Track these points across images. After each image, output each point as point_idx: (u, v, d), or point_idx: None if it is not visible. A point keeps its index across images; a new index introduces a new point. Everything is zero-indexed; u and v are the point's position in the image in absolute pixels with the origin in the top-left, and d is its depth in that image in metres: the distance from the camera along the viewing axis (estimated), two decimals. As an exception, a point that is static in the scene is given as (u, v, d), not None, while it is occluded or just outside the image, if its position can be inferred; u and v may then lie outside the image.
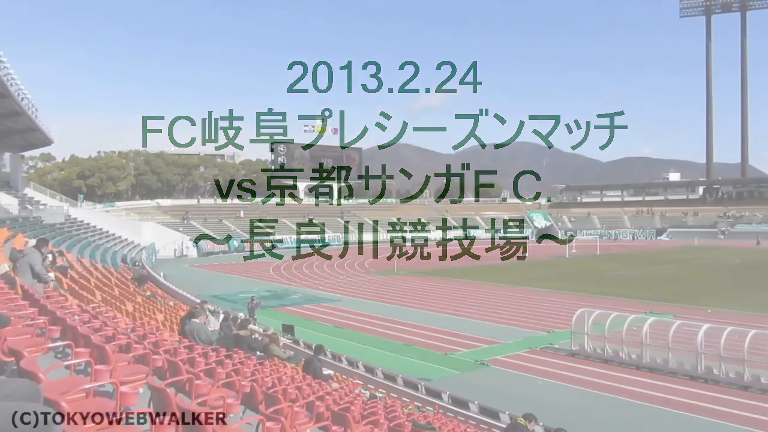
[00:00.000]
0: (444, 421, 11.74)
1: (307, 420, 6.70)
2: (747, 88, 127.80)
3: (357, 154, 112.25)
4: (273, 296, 36.97)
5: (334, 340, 24.19)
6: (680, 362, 19.16)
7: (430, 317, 29.50)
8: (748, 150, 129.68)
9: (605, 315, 21.73)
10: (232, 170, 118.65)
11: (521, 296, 36.18)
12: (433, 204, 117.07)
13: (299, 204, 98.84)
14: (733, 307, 30.86)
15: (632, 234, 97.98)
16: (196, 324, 12.06)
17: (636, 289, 37.95)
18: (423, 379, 17.65)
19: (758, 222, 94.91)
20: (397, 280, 44.32)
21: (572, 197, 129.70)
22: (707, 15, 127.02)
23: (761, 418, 15.10)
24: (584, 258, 62.53)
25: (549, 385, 18.35)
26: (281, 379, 9.33)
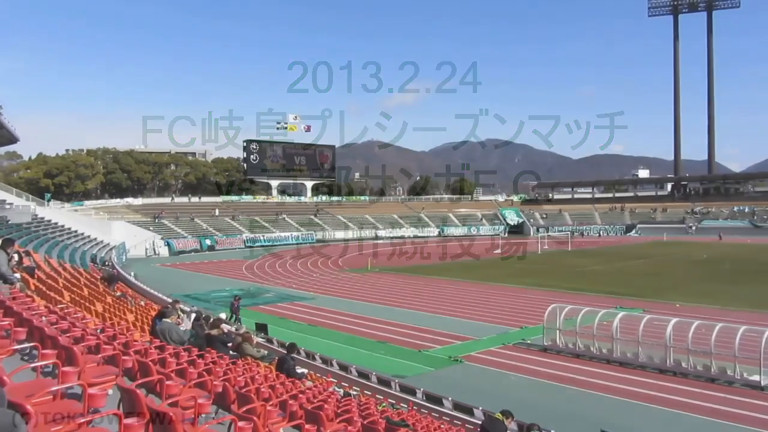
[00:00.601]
0: (418, 417, 11.76)
1: (280, 419, 6.65)
2: (714, 86, 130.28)
3: (330, 152, 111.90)
4: (246, 295, 36.62)
5: (308, 338, 24.09)
6: (650, 356, 19.48)
7: (404, 314, 29.56)
8: (715, 147, 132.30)
9: (577, 310, 22.00)
10: (204, 168, 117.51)
11: (494, 293, 36.43)
12: (406, 201, 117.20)
13: (273, 202, 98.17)
14: (701, 302, 31.47)
15: (591, 230, 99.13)
16: (167, 324, 11.91)
17: (606, 285, 38.49)
18: (397, 376, 17.68)
19: (724, 217, 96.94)
20: (371, 278, 44.32)
21: (544, 194, 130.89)
22: (675, 14, 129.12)
23: (727, 410, 15.42)
24: (556, 254, 63.24)
25: (522, 381, 18.52)
26: (254, 378, 9.26)
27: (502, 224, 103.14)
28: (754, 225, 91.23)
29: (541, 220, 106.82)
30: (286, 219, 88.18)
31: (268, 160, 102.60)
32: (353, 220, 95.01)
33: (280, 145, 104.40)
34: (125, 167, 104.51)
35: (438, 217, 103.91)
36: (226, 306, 32.03)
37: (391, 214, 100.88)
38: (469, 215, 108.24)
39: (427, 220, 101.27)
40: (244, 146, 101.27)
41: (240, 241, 73.97)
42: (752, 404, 15.81)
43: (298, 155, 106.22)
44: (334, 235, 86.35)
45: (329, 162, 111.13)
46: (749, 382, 17.20)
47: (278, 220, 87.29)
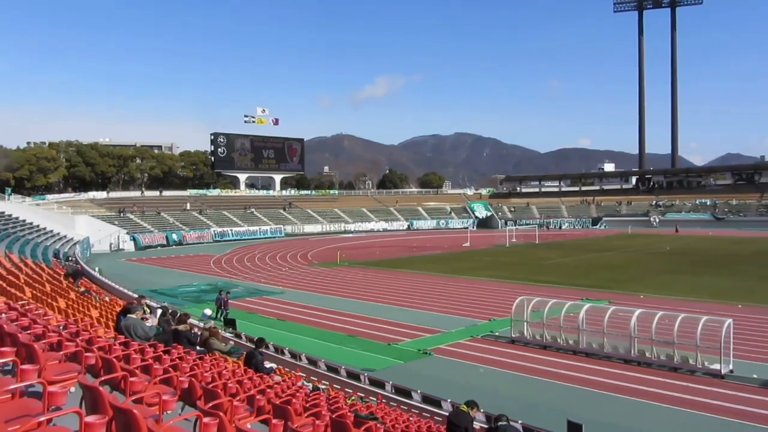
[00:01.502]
0: (387, 410, 11.79)
1: (248, 414, 6.60)
2: (677, 81, 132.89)
3: (299, 145, 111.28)
4: (214, 290, 36.22)
5: (277, 332, 23.98)
6: (615, 346, 19.82)
7: (373, 308, 29.60)
8: (678, 141, 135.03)
9: (544, 302, 22.25)
10: (171, 162, 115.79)
11: (463, 285, 36.67)
12: (375, 195, 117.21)
13: (242, 196, 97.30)
14: (664, 293, 32.13)
15: (559, 223, 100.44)
16: (132, 320, 11.72)
17: (573, 277, 39.05)
18: (366, 369, 17.69)
19: (687, 210, 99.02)
20: (341, 272, 44.25)
21: (512, 187, 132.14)
22: (639, 10, 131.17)
23: (689, 398, 15.77)
24: (524, 247, 63.91)
25: (490, 372, 18.69)
26: (221, 373, 9.18)
27: (471, 217, 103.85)
28: (716, 217, 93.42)
29: (509, 213, 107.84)
30: (255, 213, 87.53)
31: (236, 154, 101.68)
32: (322, 213, 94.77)
33: (248, 138, 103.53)
34: (89, 160, 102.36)
35: (407, 210, 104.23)
36: (194, 301, 31.84)
37: (360, 208, 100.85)
38: (438, 209, 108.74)
39: (397, 213, 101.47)
40: (212, 139, 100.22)
41: (208, 236, 73.22)
42: (713, 392, 16.20)
43: (266, 148, 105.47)
44: (304, 229, 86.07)
45: (298, 155, 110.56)
46: (710, 370, 17.62)
47: (247, 214, 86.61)
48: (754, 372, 17.41)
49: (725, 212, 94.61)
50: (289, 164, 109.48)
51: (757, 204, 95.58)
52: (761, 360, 17.69)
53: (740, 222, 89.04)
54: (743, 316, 24.61)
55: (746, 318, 24.57)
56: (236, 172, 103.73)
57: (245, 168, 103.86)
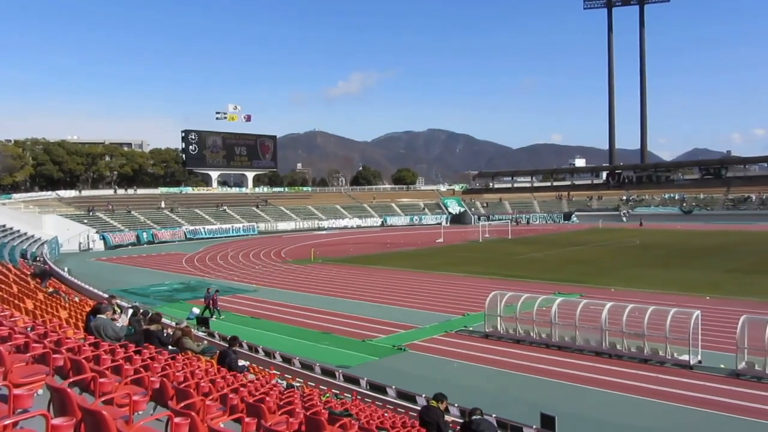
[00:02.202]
0: (362, 407, 11.80)
1: (221, 413, 6.54)
2: (645, 78, 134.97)
3: (271, 142, 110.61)
4: (186, 289, 36.00)
5: (251, 331, 23.85)
6: (587, 339, 20.08)
7: (347, 305, 29.57)
8: (647, 137, 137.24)
9: (517, 297, 22.43)
10: (141, 159, 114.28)
11: (437, 281, 36.81)
12: (349, 192, 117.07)
13: (214, 193, 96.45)
14: (635, 286, 32.63)
15: (530, 218, 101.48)
16: (102, 320, 11.54)
17: (545, 271, 39.45)
18: (341, 366, 17.68)
19: (656, 204, 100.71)
20: (315, 269, 44.12)
21: (485, 183, 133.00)
22: (609, 7, 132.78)
23: (659, 389, 16.05)
24: (497, 242, 64.40)
25: (464, 367, 18.79)
26: (194, 373, 9.09)
27: (445, 213, 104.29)
28: (683, 211, 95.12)
29: (482, 208, 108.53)
30: (228, 211, 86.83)
31: (207, 151, 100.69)
32: (296, 210, 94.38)
33: (220, 135, 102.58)
34: (56, 158, 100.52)
35: (381, 207, 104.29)
36: (166, 300, 31.49)
37: (333, 205, 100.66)
38: (411, 205, 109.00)
39: (370, 210, 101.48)
40: (183, 136, 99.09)
41: (180, 234, 72.46)
42: (682, 383, 16.51)
43: (238, 145, 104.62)
44: (277, 227, 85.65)
45: (271, 152, 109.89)
46: (679, 361, 17.95)
47: (219, 211, 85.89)
48: (721, 362, 17.77)
49: (693, 206, 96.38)
50: (262, 161, 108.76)
51: (723, 198, 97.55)
52: (728, 350, 18.05)
53: (707, 216, 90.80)
54: (711, 308, 25.10)
55: (713, 310, 25.07)
56: (208, 169, 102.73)
57: (217, 165, 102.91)
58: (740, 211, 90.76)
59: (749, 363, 16.95)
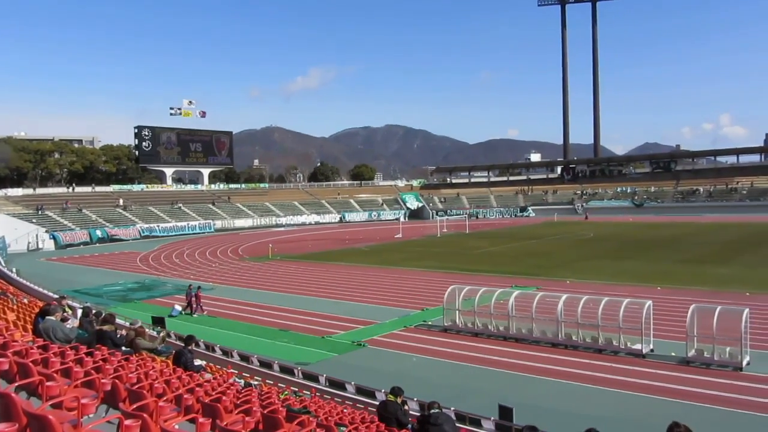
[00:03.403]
0: (321, 404, 11.73)
1: (175, 414, 6.40)
2: (598, 74, 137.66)
3: (227, 138, 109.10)
4: (141, 288, 35.29)
5: (208, 329, 23.51)
6: (543, 331, 20.40)
7: (306, 301, 29.41)
8: (600, 132, 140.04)
9: (475, 291, 22.65)
10: (92, 156, 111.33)
11: (395, 276, 36.92)
12: (306, 188, 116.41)
13: (169, 191, 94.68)
14: (589, 278, 33.31)
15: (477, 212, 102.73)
16: (51, 321, 11.18)
17: (502, 265, 39.95)
18: (300, 363, 17.57)
19: (609, 198, 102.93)
20: (272, 266, 43.75)
21: (442, 178, 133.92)
22: (562, 4, 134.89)
23: (613, 378, 16.42)
24: (455, 237, 64.91)
25: (424, 361, 18.89)
26: (148, 373, 8.88)
27: (403, 209, 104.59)
28: (635, 204, 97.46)
29: (439, 204, 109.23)
30: (183, 208, 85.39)
31: (161, 147, 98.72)
32: (253, 207, 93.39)
33: (174, 131, 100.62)
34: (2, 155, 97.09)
35: (339, 203, 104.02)
36: (120, 300, 30.80)
37: (291, 201, 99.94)
38: (370, 201, 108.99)
39: (329, 206, 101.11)
40: (136, 133, 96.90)
41: (134, 232, 70.96)
42: (635, 371, 16.92)
43: (193, 142, 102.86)
44: (234, 224, 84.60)
45: (227, 149, 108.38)
46: (632, 350, 18.39)
47: (174, 209, 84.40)
48: (672, 350, 18.27)
49: (644, 199, 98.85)
50: (218, 158, 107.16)
51: (673, 191, 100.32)
52: (678, 339, 18.56)
53: (658, 208, 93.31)
54: (662, 298, 25.79)
55: (665, 299, 25.75)
56: (162, 166, 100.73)
57: (172, 162, 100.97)
58: (689, 204, 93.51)
59: (698, 350, 17.47)
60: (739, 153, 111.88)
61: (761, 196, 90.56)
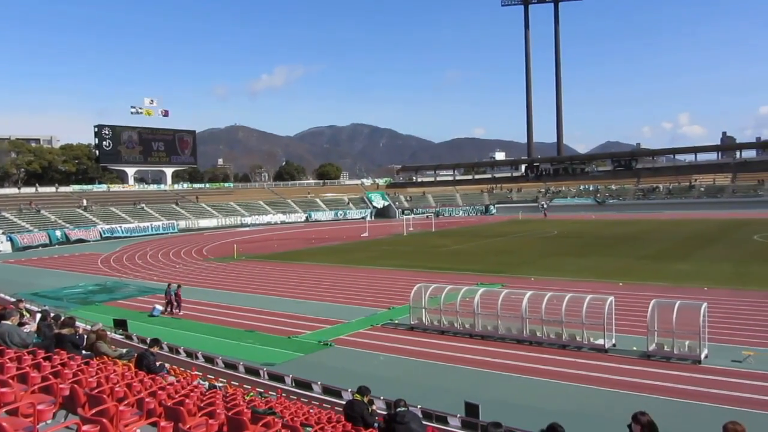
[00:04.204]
0: (287, 404, 11.64)
1: (136, 418, 6.28)
2: (561, 74, 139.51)
3: (190, 137, 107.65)
4: (103, 290, 34.59)
5: (172, 331, 23.15)
6: (508, 328, 20.59)
7: (272, 301, 29.19)
8: (563, 130, 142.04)
9: (441, 289, 22.74)
10: (50, 156, 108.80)
11: (362, 275, 36.88)
12: (272, 187, 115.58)
13: (131, 191, 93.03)
14: (553, 274, 33.74)
15: (457, 211, 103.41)
16: (6, 326, 10.88)
17: (468, 263, 40.22)
18: (266, 364, 17.42)
19: (572, 196, 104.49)
20: (238, 266, 43.31)
21: (408, 177, 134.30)
22: (525, 4, 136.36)
23: (577, 372, 16.66)
24: (421, 235, 65.13)
25: (390, 360, 18.89)
26: (109, 377, 8.70)
27: (369, 208, 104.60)
28: (597, 202, 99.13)
29: (406, 202, 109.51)
30: (146, 208, 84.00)
31: (123, 147, 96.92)
32: (217, 207, 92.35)
33: (136, 130, 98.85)
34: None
35: (305, 202, 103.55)
36: (81, 303, 30.14)
37: (256, 201, 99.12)
38: (336, 200, 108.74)
39: (294, 205, 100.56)
40: (96, 131, 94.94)
41: (95, 233, 69.51)
42: (598, 365, 17.19)
43: (156, 141, 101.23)
44: (198, 224, 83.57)
45: (190, 148, 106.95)
46: (595, 345, 18.68)
47: (137, 209, 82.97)
48: (633, 345, 18.61)
49: (606, 197, 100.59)
50: (181, 157, 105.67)
51: (634, 189, 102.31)
52: (640, 333, 18.91)
53: (620, 206, 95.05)
54: (623, 294, 26.26)
55: (626, 295, 26.22)
56: (124, 166, 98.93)
57: (133, 162, 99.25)
58: (649, 201, 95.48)
59: (659, 344, 17.83)
60: (697, 151, 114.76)
61: (718, 193, 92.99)
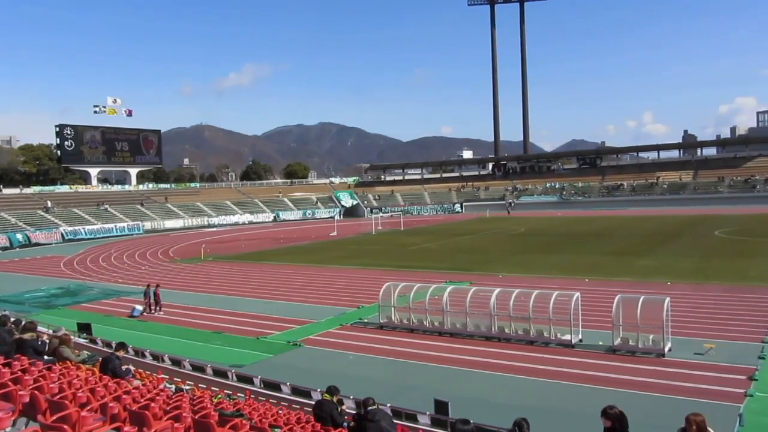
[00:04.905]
0: (255, 406, 11.54)
1: (100, 423, 6.15)
2: (527, 73, 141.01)
3: (155, 137, 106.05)
4: (66, 293, 33.87)
5: (138, 334, 22.76)
6: (477, 325, 20.73)
7: (240, 302, 28.93)
8: (529, 129, 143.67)
9: (410, 287, 22.79)
10: (10, 156, 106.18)
11: (331, 275, 36.76)
12: (239, 187, 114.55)
13: (94, 191, 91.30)
14: (521, 271, 34.09)
15: (426, 209, 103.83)
16: (-36, 332, 10.57)
17: (437, 261, 40.40)
18: (234, 366, 17.25)
19: (538, 193, 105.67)
20: (205, 267, 42.82)
21: (376, 176, 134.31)
22: (491, 4, 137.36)
23: (545, 368, 16.85)
24: (389, 234, 65.22)
25: (360, 359, 18.87)
26: (71, 383, 8.51)
27: (338, 207, 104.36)
28: (563, 199, 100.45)
29: (374, 201, 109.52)
30: (110, 209, 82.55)
31: (85, 147, 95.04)
32: (184, 208, 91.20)
33: (99, 130, 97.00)
34: None
35: (272, 202, 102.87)
36: (43, 307, 29.49)
37: (224, 201, 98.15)
38: (304, 199, 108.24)
39: (262, 205, 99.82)
40: (57, 131, 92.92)
41: (57, 235, 68.04)
42: (565, 361, 17.42)
43: (119, 141, 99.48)
44: (164, 225, 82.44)
45: (155, 147, 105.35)
46: (562, 341, 18.92)
47: (100, 210, 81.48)
48: (599, 340, 18.89)
49: (572, 194, 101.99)
50: (146, 157, 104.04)
51: (599, 186, 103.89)
52: (605, 328, 19.20)
53: (585, 203, 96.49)
54: (589, 289, 26.65)
55: (592, 291, 26.62)
56: (87, 166, 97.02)
57: (97, 162, 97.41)
58: (614, 198, 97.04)
59: (624, 339, 18.13)
60: (659, 149, 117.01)
61: (680, 190, 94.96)
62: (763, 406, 13.37)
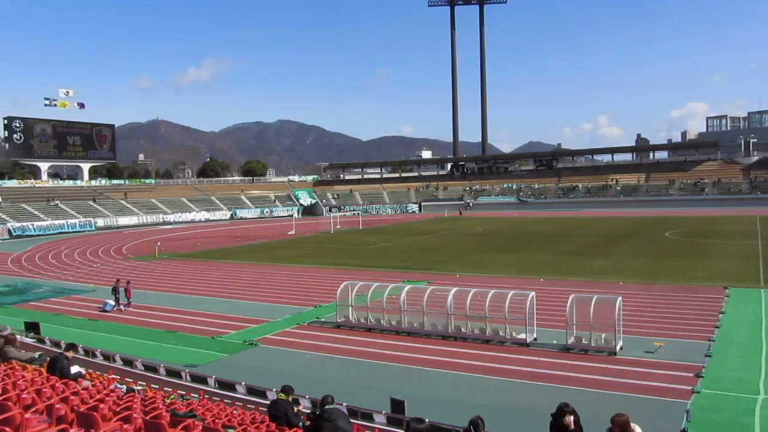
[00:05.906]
0: (209, 406, 11.36)
1: (45, 425, 5.96)
2: (486, 74, 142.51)
3: (109, 131, 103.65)
4: (13, 291, 32.80)
5: (89, 334, 22.19)
6: (434, 324, 20.83)
7: (195, 301, 28.47)
8: (487, 130, 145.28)
9: (367, 286, 22.76)
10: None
11: (288, 273, 36.48)
12: (195, 184, 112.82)
13: (44, 186, 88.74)
14: (477, 271, 34.40)
15: (375, 209, 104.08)
16: None
17: (395, 260, 40.48)
18: (188, 365, 16.95)
19: (496, 194, 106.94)
20: (159, 265, 42.03)
21: (335, 175, 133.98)
22: (451, 5, 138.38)
23: (500, 366, 17.03)
24: (348, 233, 65.12)
25: (317, 358, 18.75)
26: (16, 384, 8.23)
27: (296, 205, 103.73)
28: (520, 200, 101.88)
29: (333, 200, 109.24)
30: (61, 205, 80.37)
31: (35, 140, 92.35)
32: (138, 204, 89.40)
33: (50, 123, 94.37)
34: None
35: (229, 199, 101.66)
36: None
37: (179, 198, 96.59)
38: (262, 197, 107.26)
39: (219, 203, 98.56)
40: (5, 124, 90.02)
41: (4, 232, 65.93)
42: (520, 359, 17.64)
43: (71, 135, 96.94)
44: (117, 222, 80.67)
45: (109, 142, 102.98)
46: (517, 340, 19.15)
47: (51, 206, 79.24)
48: (554, 338, 19.19)
49: (528, 195, 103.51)
50: (99, 152, 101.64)
51: (555, 187, 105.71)
52: (559, 327, 19.50)
53: (541, 204, 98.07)
54: (544, 289, 27.06)
55: (547, 290, 27.03)
56: (36, 160, 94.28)
57: (47, 156, 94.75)
58: (569, 199, 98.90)
59: (577, 337, 18.48)
60: (614, 152, 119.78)
61: (633, 192, 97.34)
62: (709, 402, 13.77)
